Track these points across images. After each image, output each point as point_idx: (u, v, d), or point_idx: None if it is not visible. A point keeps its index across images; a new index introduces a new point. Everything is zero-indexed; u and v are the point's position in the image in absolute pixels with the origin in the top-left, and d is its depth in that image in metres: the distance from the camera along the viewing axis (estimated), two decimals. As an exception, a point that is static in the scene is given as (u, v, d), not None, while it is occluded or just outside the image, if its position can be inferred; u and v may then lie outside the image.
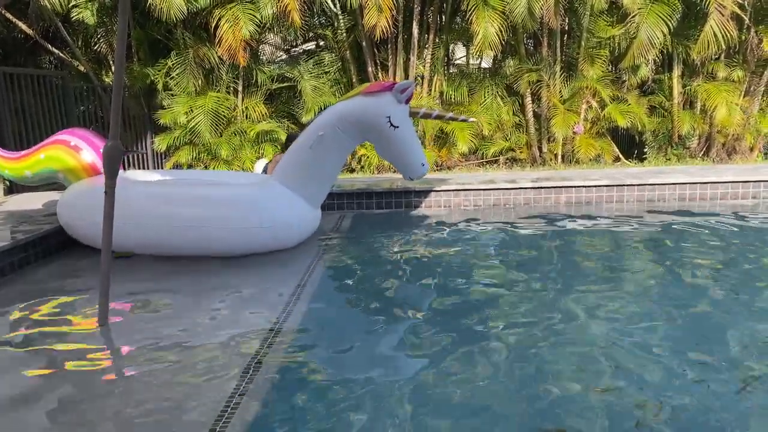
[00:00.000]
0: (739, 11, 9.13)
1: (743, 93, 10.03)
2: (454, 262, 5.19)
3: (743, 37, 9.68)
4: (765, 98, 10.14)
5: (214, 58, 9.50)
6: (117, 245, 4.68)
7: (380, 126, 5.18)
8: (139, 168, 10.26)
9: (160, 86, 9.63)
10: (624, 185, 7.54)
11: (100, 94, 9.97)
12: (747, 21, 9.51)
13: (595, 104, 9.83)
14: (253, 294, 4.36)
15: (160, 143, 9.69)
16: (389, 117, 5.13)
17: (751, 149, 10.24)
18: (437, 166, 9.91)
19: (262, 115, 9.78)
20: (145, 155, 10.38)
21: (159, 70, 9.63)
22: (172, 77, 9.59)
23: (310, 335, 3.60)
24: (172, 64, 9.55)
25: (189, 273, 4.91)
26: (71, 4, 9.49)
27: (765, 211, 7.03)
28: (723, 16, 8.81)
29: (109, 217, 3.73)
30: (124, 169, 9.82)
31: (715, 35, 8.87)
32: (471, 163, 10.26)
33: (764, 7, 9.51)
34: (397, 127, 5.14)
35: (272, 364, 3.14)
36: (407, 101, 5.24)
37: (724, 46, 9.25)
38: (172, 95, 9.65)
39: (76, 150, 5.47)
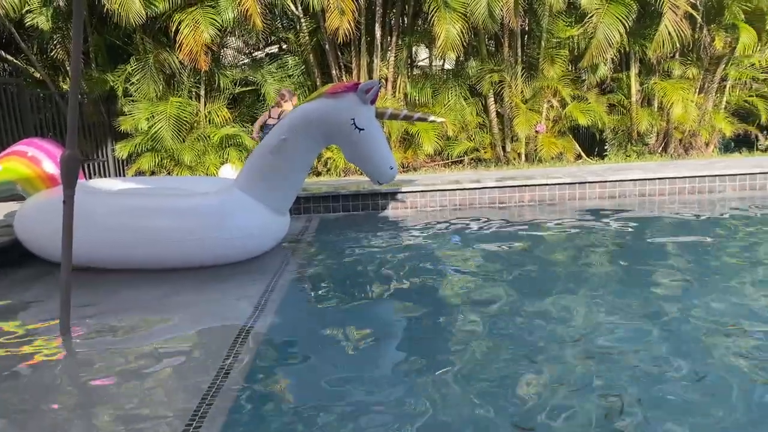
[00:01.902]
0: (691, 11, 9.40)
1: (698, 90, 10.33)
2: (421, 264, 5.17)
3: (696, 36, 9.96)
4: (719, 95, 10.46)
5: (175, 63, 9.38)
6: (74, 259, 4.57)
7: (344, 129, 4.96)
8: (100, 176, 10.05)
9: (119, 92, 9.46)
10: (585, 182, 7.70)
11: (57, 102, 9.74)
12: (699, 20, 9.79)
13: (556, 103, 10.00)
14: (215, 306, 4.21)
15: (122, 150, 9.52)
16: (354, 119, 4.90)
17: (707, 144, 10.54)
18: (403, 168, 9.95)
19: (226, 120, 9.68)
20: (106, 162, 10.18)
21: (118, 76, 9.47)
22: (132, 83, 9.43)
23: (277, 345, 3.54)
24: (132, 70, 9.39)
25: (147, 284, 4.75)
26: (25, 9, 9.26)
27: (721, 203, 7.25)
28: (676, 15, 9.05)
29: (68, 228, 3.65)
30: (86, 177, 9.63)
31: (670, 34, 9.11)
32: (437, 164, 10.33)
33: (715, 6, 9.80)
34: (363, 129, 4.93)
35: (239, 376, 3.07)
36: (372, 102, 5.02)
37: (678, 45, 9.50)
38: (133, 101, 9.48)
39: (33, 161, 5.32)
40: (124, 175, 10.00)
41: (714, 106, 10.41)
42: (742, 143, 10.88)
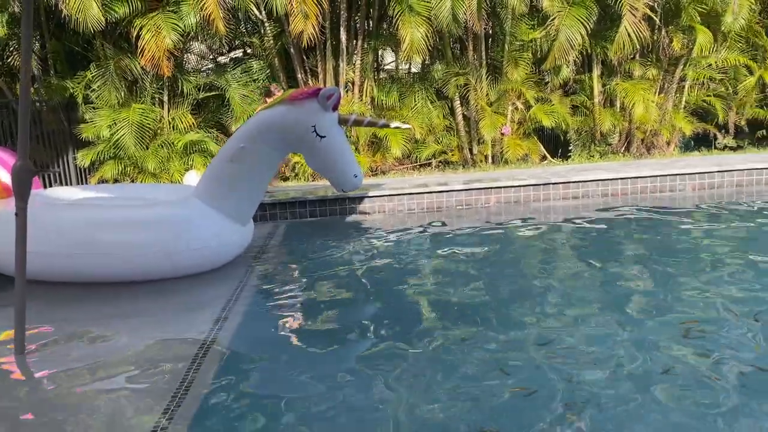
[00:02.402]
0: (650, 12, 9.59)
1: (658, 90, 10.55)
2: (389, 270, 5.17)
3: (655, 37, 10.17)
4: (678, 95, 10.69)
5: (136, 69, 9.21)
6: (29, 273, 4.45)
7: (305, 136, 4.86)
8: (61, 184, 9.82)
9: (80, 99, 9.25)
10: (550, 184, 7.80)
11: (15, 110, 9.49)
12: (658, 22, 10.00)
13: (520, 106, 10.11)
14: (174, 319, 4.14)
15: (83, 158, 9.30)
16: (314, 126, 4.80)
17: (668, 143, 10.76)
18: (372, 171, 9.94)
19: (190, 126, 9.54)
20: (67, 171, 9.95)
21: (78, 83, 9.25)
22: (93, 90, 9.23)
23: (239, 360, 3.46)
24: (92, 77, 9.19)
25: (102, 298, 4.64)
26: (-21, 16, 9.01)
27: (682, 201, 7.41)
28: (635, 17, 9.22)
29: (21, 240, 3.56)
30: (45, 186, 9.40)
31: (630, 36, 9.27)
32: (405, 167, 10.35)
33: (672, 8, 10.02)
34: (324, 136, 4.82)
35: (199, 392, 2.99)
36: (334, 108, 4.92)
37: (638, 46, 9.69)
38: (94, 108, 9.28)
39: (-11, 171, 5.19)
40: (86, 184, 9.79)
41: (674, 106, 10.63)
42: (701, 142, 11.13)
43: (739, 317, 3.65)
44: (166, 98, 9.60)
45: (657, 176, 8.03)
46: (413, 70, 11.25)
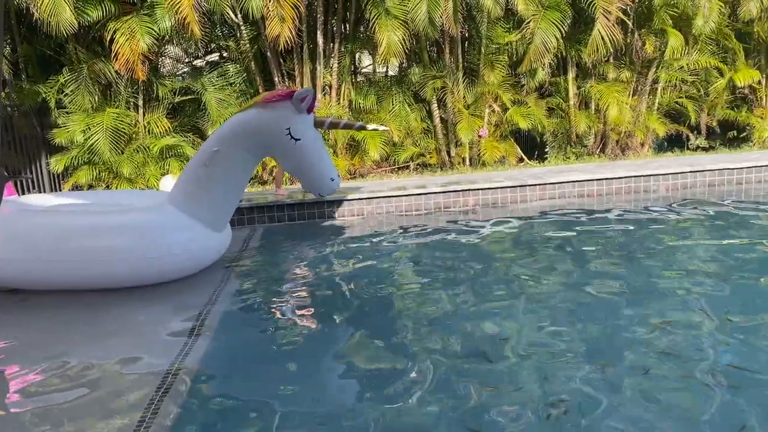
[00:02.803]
0: (623, 16, 9.74)
1: (632, 92, 10.71)
2: (367, 274, 5.12)
3: (629, 40, 10.33)
4: (651, 97, 10.86)
5: (110, 73, 9.11)
6: (3, 281, 4.37)
7: (279, 139, 4.74)
8: (34, 191, 9.67)
9: (52, 104, 9.12)
10: (526, 185, 7.87)
11: (-15, 115, 9.33)
12: (631, 25, 10.16)
13: (497, 108, 10.20)
14: (144, 329, 4.01)
15: (57, 164, 9.17)
16: (289, 129, 4.69)
17: (642, 145, 10.93)
18: (350, 175, 9.94)
19: (166, 130, 9.45)
20: (40, 177, 9.79)
21: (51, 87, 9.11)
22: (66, 94, 9.10)
23: (214, 374, 3.34)
24: (65, 81, 9.06)
25: (68, 308, 4.52)
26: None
27: (656, 201, 7.53)
28: (609, 21, 9.36)
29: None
30: (19, 193, 9.23)
31: (603, 39, 9.40)
32: (383, 170, 10.37)
33: (645, 12, 10.19)
34: (299, 139, 4.72)
35: (170, 410, 2.86)
36: (309, 110, 4.81)
37: (611, 49, 9.82)
38: (67, 113, 9.15)
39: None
40: (60, 190, 9.65)
41: (647, 108, 10.80)
42: (674, 143, 11.32)
43: (711, 315, 3.72)
44: (141, 102, 9.51)
45: (631, 177, 8.15)
46: (390, 73, 11.29)
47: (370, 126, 5.61)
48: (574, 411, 2.71)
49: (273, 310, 4.43)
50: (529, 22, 9.54)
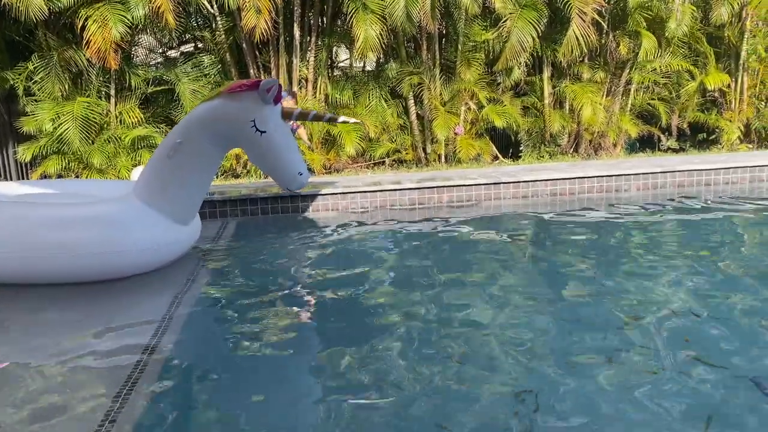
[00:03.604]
0: (598, 17, 9.85)
1: (605, 93, 10.85)
2: (340, 269, 5.09)
3: (603, 41, 10.45)
4: (624, 98, 11.01)
5: (82, 61, 8.92)
6: None
7: (244, 131, 4.55)
8: (0, 179, 9.45)
9: (20, 91, 8.91)
10: (500, 183, 7.92)
11: (-50, 101, 9.08)
12: (605, 27, 10.28)
13: (473, 106, 10.24)
14: (110, 325, 3.84)
15: (25, 153, 8.96)
16: (254, 120, 4.50)
17: (615, 145, 11.09)
18: (325, 169, 9.91)
19: (138, 121, 9.30)
20: (7, 166, 9.57)
21: (19, 74, 8.91)
22: (35, 81, 8.90)
23: (183, 371, 3.25)
24: (34, 68, 8.86)
25: (27, 302, 4.36)
26: None
27: (626, 200, 7.65)
28: (584, 21, 9.46)
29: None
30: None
31: (578, 39, 9.51)
32: (359, 166, 10.35)
33: (620, 14, 10.32)
34: (264, 131, 4.53)
35: (137, 408, 2.77)
36: (276, 101, 4.62)
37: (585, 50, 9.94)
38: (36, 101, 8.95)
39: None
40: (28, 179, 9.44)
41: (620, 109, 10.96)
42: (646, 144, 11.50)
43: (677, 311, 3.80)
44: (113, 92, 9.34)
45: (603, 176, 8.26)
46: (367, 68, 11.25)
47: (341, 118, 5.37)
48: (543, 404, 2.74)
49: (242, 305, 4.27)
50: (505, 21, 9.60)
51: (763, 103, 11.50)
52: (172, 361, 3.32)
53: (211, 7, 9.34)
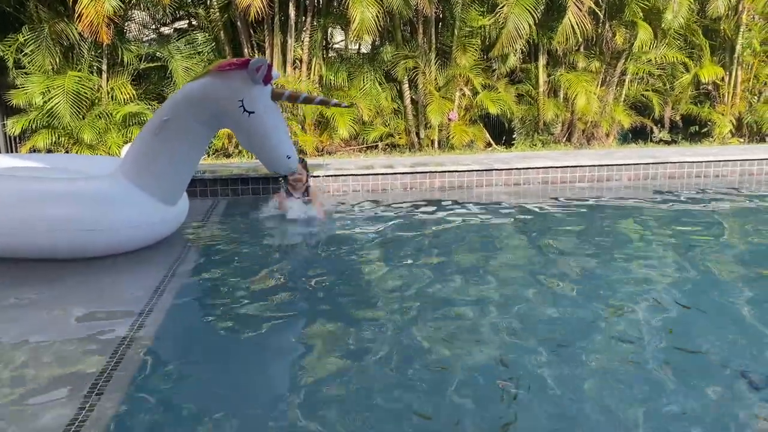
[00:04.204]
0: (594, 7, 9.82)
1: (600, 83, 10.85)
2: (332, 252, 5.07)
3: (600, 31, 10.43)
4: (618, 88, 11.02)
5: (73, 35, 8.80)
6: None
7: (231, 111, 4.44)
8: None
9: (10, 63, 8.79)
10: (492, 170, 7.93)
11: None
12: (602, 16, 10.26)
13: (468, 92, 10.22)
14: (92, 306, 3.74)
15: (14, 126, 8.87)
16: (242, 100, 4.40)
17: (607, 135, 11.11)
18: (318, 152, 9.87)
19: (130, 97, 9.21)
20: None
21: (9, 46, 8.78)
22: (26, 54, 8.78)
23: (168, 354, 3.18)
24: (25, 40, 8.72)
25: (5, 280, 4.25)
26: None
27: (616, 190, 7.68)
28: (581, 10, 9.43)
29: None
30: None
31: (573, 28, 9.49)
32: (351, 149, 10.32)
33: (617, 3, 10.29)
34: (252, 112, 4.43)
35: (118, 393, 2.69)
36: (266, 81, 4.50)
37: (581, 39, 9.92)
38: (26, 74, 8.84)
39: None
40: (16, 153, 9.34)
41: (614, 99, 10.97)
42: (638, 135, 11.54)
43: (663, 302, 3.83)
44: (105, 67, 9.23)
45: (595, 166, 8.28)
46: (363, 50, 11.18)
47: (333, 101, 5.21)
48: (525, 389, 2.76)
49: (230, 288, 4.21)
50: (502, 7, 9.54)
51: (755, 97, 11.55)
52: (156, 342, 3.26)
53: (206, -17, 9.23)
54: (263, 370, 3.09)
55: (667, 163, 8.45)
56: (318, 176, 7.56)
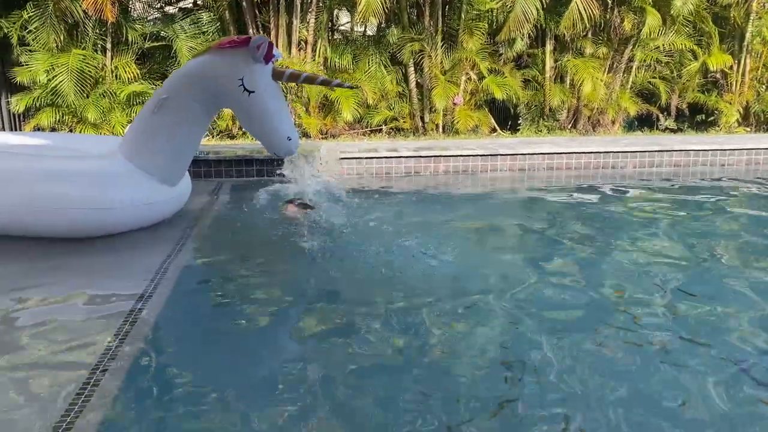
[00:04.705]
0: (603, -8, 9.73)
1: (607, 69, 10.76)
2: (335, 236, 4.99)
3: (608, 16, 10.33)
4: (625, 75, 10.93)
5: (78, 12, 8.74)
6: None
7: (231, 90, 4.33)
8: (-7, 130, 9.34)
9: (14, 40, 8.74)
10: (497, 155, 7.90)
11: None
12: (610, 2, 10.15)
13: (473, 76, 10.15)
14: (94, 288, 3.68)
15: (18, 104, 8.85)
16: (242, 79, 4.28)
17: (613, 122, 11.04)
18: (322, 134, 9.84)
19: (134, 76, 9.18)
20: (0, 115, 9.45)
21: (13, 23, 8.73)
22: (30, 31, 8.73)
23: (170, 335, 3.17)
24: (29, 17, 8.68)
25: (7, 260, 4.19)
26: None
27: (622, 178, 7.66)
28: (589, -5, 9.34)
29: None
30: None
31: (581, 13, 9.40)
32: (356, 132, 10.28)
33: (626, -11, 10.19)
34: (253, 92, 4.31)
35: (121, 372, 2.68)
36: (267, 60, 4.37)
37: (589, 24, 9.83)
38: (30, 51, 8.80)
39: None
40: (20, 131, 9.33)
41: (621, 86, 10.89)
42: (644, 123, 11.47)
43: (667, 289, 3.83)
44: (109, 45, 9.19)
45: (600, 153, 8.25)
46: (368, 32, 11.10)
47: (335, 81, 5.01)
48: (529, 374, 2.77)
49: (232, 271, 4.19)
50: (510, -10, 9.45)
51: (763, 86, 11.45)
52: (157, 324, 3.23)
53: (212, -38, 9.15)
54: (264, 348, 3.08)
55: (673, 151, 8.41)
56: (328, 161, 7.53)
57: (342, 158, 7.64)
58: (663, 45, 10.77)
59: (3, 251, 4.40)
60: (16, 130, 9.49)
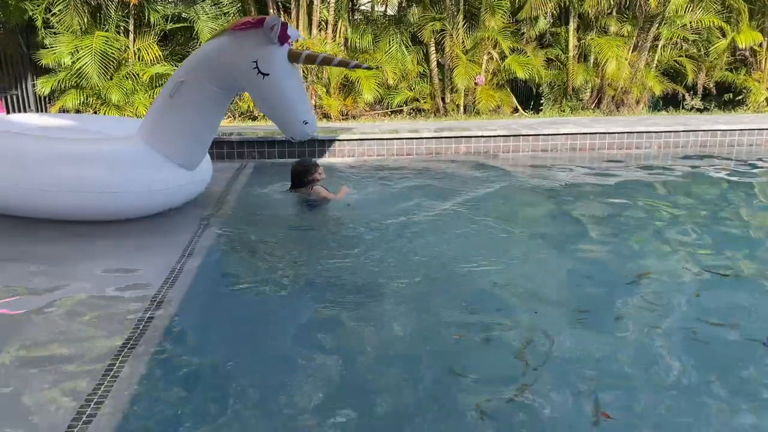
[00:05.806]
0: (630, -32, 9.51)
1: (632, 48, 10.56)
2: (355, 220, 4.97)
3: (633, -7, 10.12)
4: (651, 54, 10.72)
5: (100, -6, 8.80)
6: None
7: (245, 72, 4.25)
8: (19, 112, 9.48)
9: (39, 23, 8.83)
10: (519, 135, 7.84)
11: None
12: (637, -22, 9.94)
13: (495, 56, 10.03)
14: (117, 271, 3.73)
15: (43, 86, 8.97)
16: (256, 61, 4.19)
17: (638, 102, 10.86)
18: (342, 116, 9.83)
19: (157, 58, 9.23)
20: (26, 98, 9.59)
21: (38, 5, 8.81)
22: (54, 13, 8.81)
23: (192, 320, 3.17)
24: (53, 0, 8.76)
25: (28, 240, 4.23)
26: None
27: (647, 158, 7.55)
28: (615, -28, 9.14)
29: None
30: (8, 111, 9.06)
31: (606, -10, 9.21)
32: (376, 113, 10.26)
33: (653, -35, 9.94)
34: (267, 74, 4.22)
35: (143, 358, 2.69)
36: (282, 41, 4.25)
37: (613, 2, 9.63)
38: (55, 33, 8.89)
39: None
40: (46, 112, 9.47)
41: (646, 65, 10.68)
42: (670, 102, 11.25)
43: (693, 269, 3.80)
44: (131, 27, 9.24)
45: (624, 133, 8.13)
46: (389, 12, 11.01)
47: (353, 62, 4.80)
48: (551, 353, 2.78)
49: (257, 256, 4.18)
50: (534, -33, 9.29)
51: (794, 64, 11.16)
52: (179, 310, 3.23)
53: (233, -58, 9.12)
54: (283, 337, 3.08)
55: (699, 131, 8.26)
56: (343, 140, 7.54)
57: (362, 139, 7.63)
58: (690, 22, 10.52)
59: (29, 233, 4.48)
60: (42, 111, 9.63)
